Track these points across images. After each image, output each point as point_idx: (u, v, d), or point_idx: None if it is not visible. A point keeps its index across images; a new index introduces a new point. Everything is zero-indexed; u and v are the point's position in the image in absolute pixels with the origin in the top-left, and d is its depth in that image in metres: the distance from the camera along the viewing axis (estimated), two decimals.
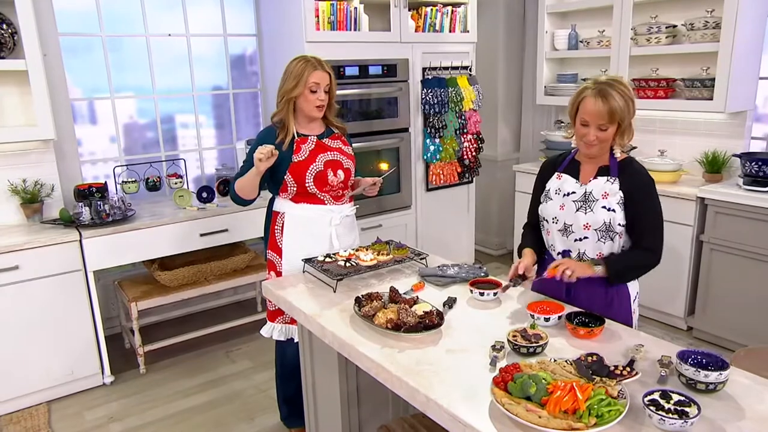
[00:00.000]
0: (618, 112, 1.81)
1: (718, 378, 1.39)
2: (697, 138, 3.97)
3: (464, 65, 4.12)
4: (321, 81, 2.32)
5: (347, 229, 2.52)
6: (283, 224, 2.43)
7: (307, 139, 2.39)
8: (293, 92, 2.31)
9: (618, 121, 1.84)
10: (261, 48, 4.14)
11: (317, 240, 2.43)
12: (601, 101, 1.80)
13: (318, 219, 2.42)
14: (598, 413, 1.27)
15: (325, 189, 2.39)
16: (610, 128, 1.84)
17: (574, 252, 1.98)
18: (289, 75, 2.33)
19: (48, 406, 3.06)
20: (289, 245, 2.43)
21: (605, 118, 1.82)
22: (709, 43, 3.57)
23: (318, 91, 2.32)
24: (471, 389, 1.45)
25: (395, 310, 1.80)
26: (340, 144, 2.47)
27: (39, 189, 3.25)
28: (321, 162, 2.37)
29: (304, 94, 2.31)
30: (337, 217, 2.44)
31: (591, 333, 1.70)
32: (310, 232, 2.42)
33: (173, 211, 3.41)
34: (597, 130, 1.85)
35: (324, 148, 2.41)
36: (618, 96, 1.81)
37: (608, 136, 1.86)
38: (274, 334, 2.51)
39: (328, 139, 2.45)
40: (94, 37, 3.57)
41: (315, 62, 2.33)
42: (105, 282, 3.71)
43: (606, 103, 1.80)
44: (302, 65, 2.31)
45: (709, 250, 3.51)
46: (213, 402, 3.09)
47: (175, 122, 4.00)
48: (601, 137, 1.86)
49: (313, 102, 2.32)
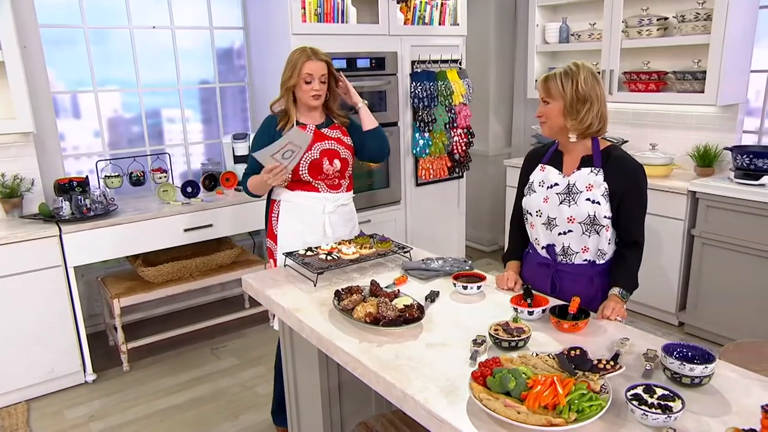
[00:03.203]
0: (554, 87, 1.84)
1: (703, 371, 1.35)
2: (689, 131, 3.93)
3: (454, 59, 4.07)
4: (314, 71, 2.31)
5: (343, 219, 2.48)
6: (279, 212, 2.43)
7: (305, 128, 2.37)
8: (289, 82, 2.33)
9: (561, 99, 1.84)
10: (248, 41, 4.08)
11: (310, 228, 2.41)
12: (542, 80, 1.89)
13: (311, 206, 2.41)
14: (579, 408, 1.22)
15: (320, 177, 2.38)
16: (552, 103, 1.87)
17: (558, 246, 1.93)
18: (287, 65, 2.35)
19: (27, 404, 3.00)
20: (284, 233, 2.42)
21: (542, 92, 1.89)
22: (701, 35, 3.53)
23: (312, 81, 2.32)
24: (450, 384, 1.40)
25: (375, 304, 1.75)
26: (339, 134, 2.45)
27: (19, 183, 3.19)
28: (317, 151, 2.36)
29: (299, 84, 2.32)
30: (331, 205, 2.42)
31: (575, 326, 1.66)
32: (303, 219, 2.41)
33: (157, 206, 3.36)
34: (541, 104, 1.91)
35: (322, 137, 2.40)
36: (562, 76, 1.83)
37: (550, 111, 1.87)
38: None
39: (327, 129, 2.44)
40: (77, 29, 3.50)
41: (309, 52, 2.32)
42: (89, 278, 3.65)
43: (545, 81, 1.87)
44: (297, 56, 2.33)
45: (701, 245, 3.47)
46: (197, 400, 3.03)
47: (161, 117, 3.94)
48: (543, 111, 1.90)
49: (308, 92, 2.33)
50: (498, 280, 2.03)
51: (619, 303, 1.81)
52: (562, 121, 1.86)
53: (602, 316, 1.78)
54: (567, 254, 1.93)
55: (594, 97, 1.82)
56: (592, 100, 1.82)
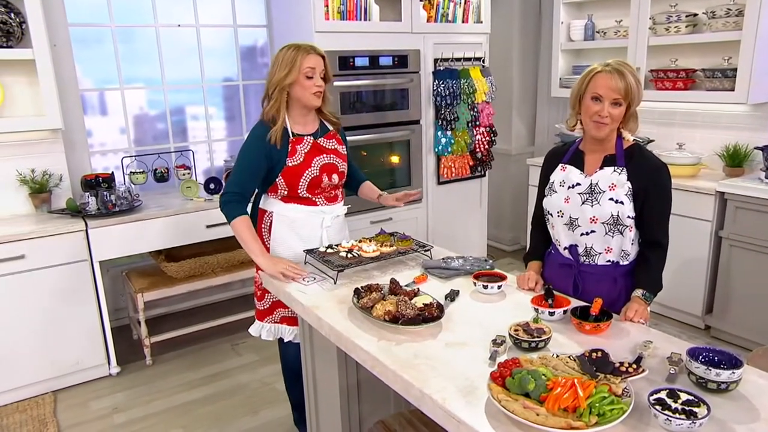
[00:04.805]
0: (631, 90, 1.75)
1: (730, 377, 1.31)
2: (718, 131, 3.84)
3: (477, 56, 4.04)
4: (316, 65, 2.14)
5: (336, 231, 2.41)
6: (271, 223, 2.30)
7: (303, 140, 2.23)
8: (287, 80, 2.12)
9: (629, 102, 1.77)
10: (271, 39, 4.10)
11: (306, 242, 2.30)
12: (617, 76, 1.74)
13: (308, 220, 2.30)
14: (600, 411, 1.20)
15: (317, 192, 2.29)
16: (623, 106, 1.77)
17: (581, 246, 1.90)
18: (280, 63, 2.14)
19: (54, 395, 3.06)
20: (276, 246, 2.31)
21: (621, 93, 1.74)
22: (732, 31, 3.44)
23: (314, 76, 2.14)
24: (468, 384, 1.39)
25: (394, 302, 1.74)
26: (335, 144, 2.32)
27: (47, 179, 3.26)
28: (317, 167, 2.24)
29: (299, 80, 2.13)
30: (329, 218, 2.33)
31: (597, 328, 1.63)
32: (300, 233, 2.30)
33: (180, 203, 3.40)
34: (611, 106, 1.77)
35: (320, 150, 2.26)
36: (630, 75, 1.76)
37: (620, 114, 1.79)
38: (262, 333, 2.43)
39: (323, 139, 2.29)
40: (104, 27, 3.56)
41: (307, 47, 2.16)
42: (114, 273, 3.71)
43: (622, 78, 1.74)
44: (293, 51, 2.14)
45: (729, 247, 3.39)
46: (217, 395, 3.06)
47: (185, 114, 3.99)
48: (614, 114, 1.77)
49: (310, 88, 2.14)
50: (519, 280, 2.01)
51: (642, 305, 1.78)
52: (620, 123, 1.83)
53: (625, 317, 1.74)
54: (590, 255, 1.90)
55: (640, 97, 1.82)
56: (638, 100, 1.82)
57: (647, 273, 1.85)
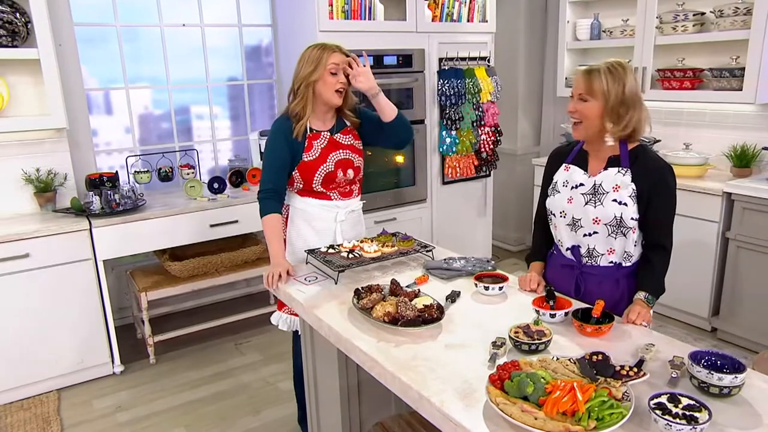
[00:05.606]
0: (599, 87, 1.74)
1: (732, 381, 1.29)
2: (726, 131, 3.80)
3: (482, 56, 4.02)
4: (341, 63, 2.21)
5: (351, 225, 2.44)
6: (288, 216, 2.38)
7: (320, 135, 2.28)
8: (312, 76, 2.19)
9: (603, 99, 1.75)
10: (276, 38, 4.10)
11: (321, 236, 2.35)
12: (583, 73, 1.78)
13: (323, 214, 2.35)
14: (599, 416, 1.18)
15: (332, 186, 2.32)
16: (591, 102, 1.77)
17: (583, 247, 1.88)
18: (306, 61, 2.22)
19: (58, 393, 3.08)
20: (293, 238, 2.37)
21: (582, 88, 1.78)
22: (740, 30, 3.41)
23: (338, 73, 2.21)
24: (467, 387, 1.37)
25: (394, 303, 1.73)
26: (351, 139, 2.36)
27: (52, 178, 3.27)
28: (332, 162, 2.28)
29: (324, 77, 2.19)
30: (343, 213, 2.37)
31: (599, 331, 1.61)
32: (314, 226, 2.35)
33: (184, 202, 3.40)
34: (577, 101, 1.80)
35: (336, 145, 2.30)
36: (606, 73, 1.74)
37: (589, 111, 1.78)
38: (280, 323, 2.48)
39: (339, 134, 2.33)
40: (109, 27, 3.57)
41: (333, 46, 2.24)
42: (118, 272, 3.73)
43: (588, 75, 1.76)
44: (319, 50, 2.22)
45: (736, 248, 3.36)
46: (220, 394, 3.07)
47: (190, 113, 4.00)
48: (579, 109, 1.79)
49: (333, 85, 2.20)
50: (521, 281, 2.00)
51: (644, 308, 1.76)
52: (600, 124, 1.79)
53: (627, 320, 1.72)
54: (592, 256, 1.88)
55: (638, 102, 1.77)
56: (635, 105, 1.76)
57: (650, 276, 1.83)
